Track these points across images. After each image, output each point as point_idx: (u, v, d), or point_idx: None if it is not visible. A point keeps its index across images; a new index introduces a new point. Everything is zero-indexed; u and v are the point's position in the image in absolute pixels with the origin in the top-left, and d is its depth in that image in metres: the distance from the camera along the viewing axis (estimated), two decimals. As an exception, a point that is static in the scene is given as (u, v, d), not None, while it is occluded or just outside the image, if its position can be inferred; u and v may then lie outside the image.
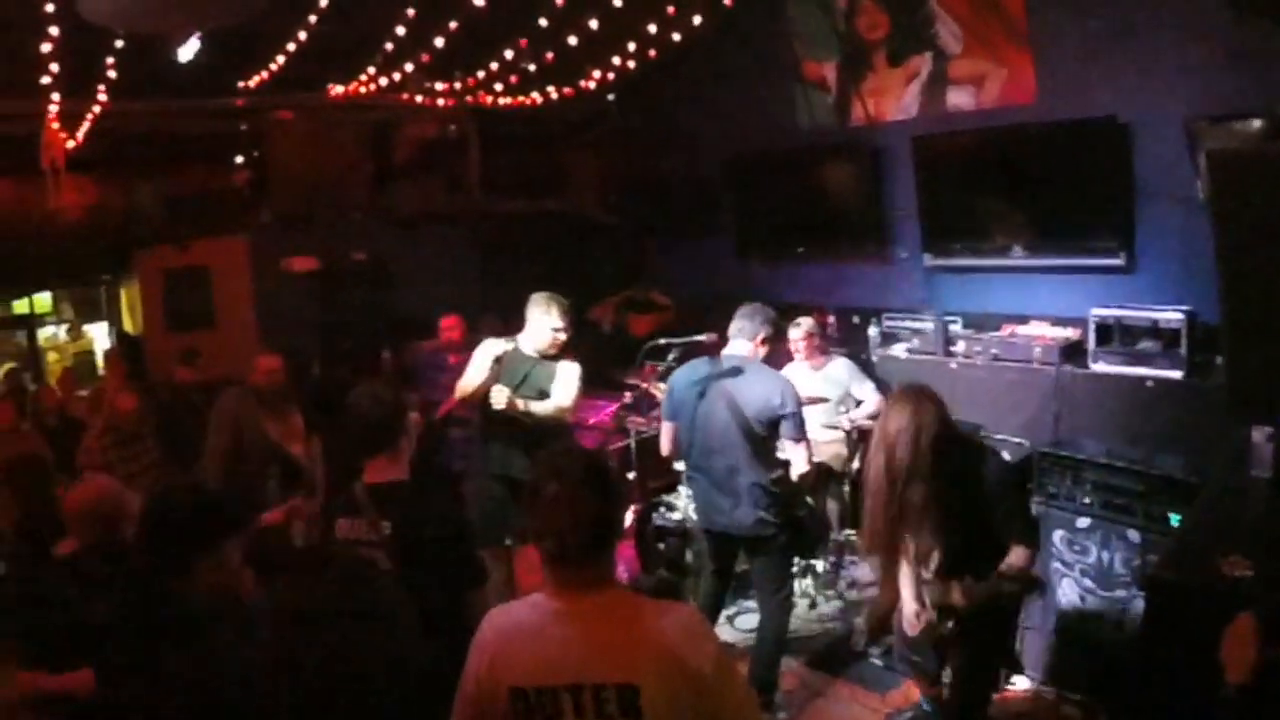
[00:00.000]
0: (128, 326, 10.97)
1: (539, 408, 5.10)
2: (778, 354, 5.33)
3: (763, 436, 4.57)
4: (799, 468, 4.58)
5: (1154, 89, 5.78)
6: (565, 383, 5.27)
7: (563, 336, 5.26)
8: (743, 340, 4.71)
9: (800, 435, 4.56)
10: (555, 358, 5.31)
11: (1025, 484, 4.89)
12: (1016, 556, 3.73)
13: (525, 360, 5.23)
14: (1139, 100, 5.86)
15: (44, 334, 12.24)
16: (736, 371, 4.63)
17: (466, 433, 5.61)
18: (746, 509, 4.61)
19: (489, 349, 5.24)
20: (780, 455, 4.74)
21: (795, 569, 6.04)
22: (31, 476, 5.26)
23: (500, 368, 5.13)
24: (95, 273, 11.15)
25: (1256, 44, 5.29)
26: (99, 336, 12.39)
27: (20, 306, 11.60)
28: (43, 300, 12.09)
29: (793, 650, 5.56)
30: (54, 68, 6.09)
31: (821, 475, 6.13)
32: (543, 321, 5.21)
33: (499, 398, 4.96)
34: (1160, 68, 5.76)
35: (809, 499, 5.48)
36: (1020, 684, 5.00)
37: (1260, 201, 3.56)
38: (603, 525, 2.26)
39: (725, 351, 4.76)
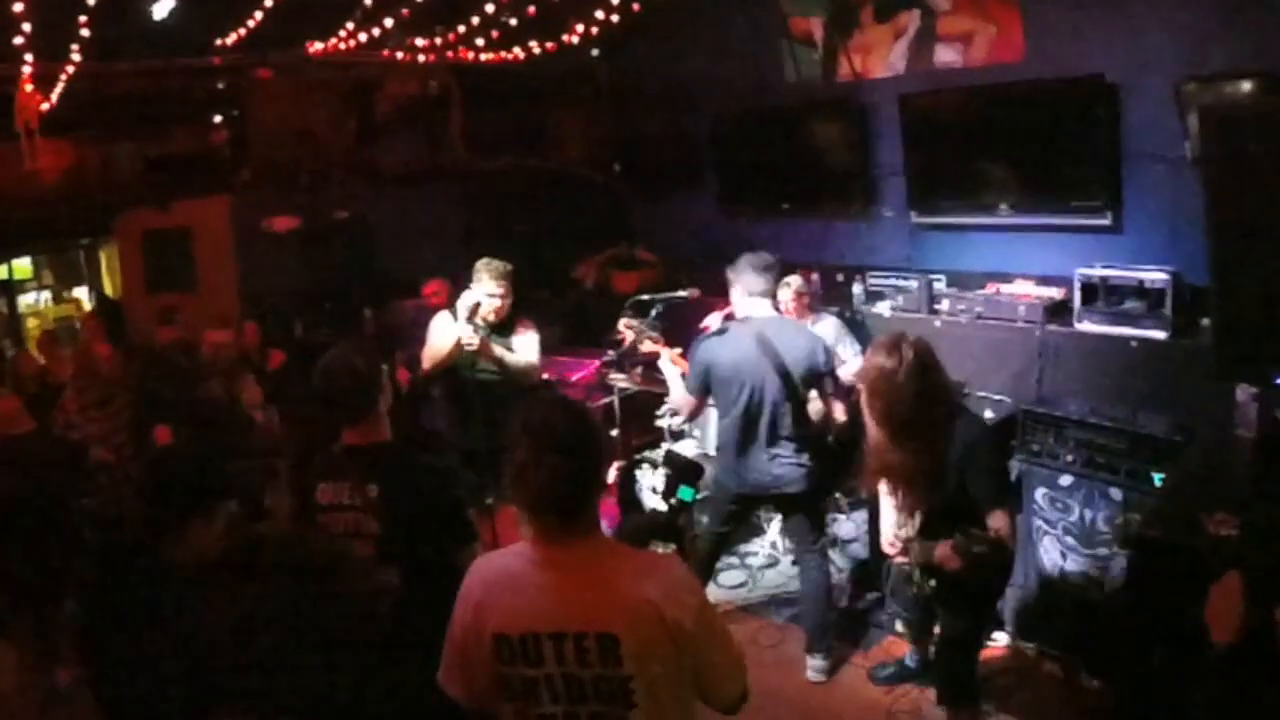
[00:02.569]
0: (108, 290, 10.87)
1: (511, 357, 5.28)
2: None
3: (804, 393, 4.72)
4: (840, 417, 4.87)
5: (1143, 49, 5.74)
6: (528, 343, 5.44)
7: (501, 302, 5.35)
8: (767, 301, 4.81)
9: (839, 391, 4.89)
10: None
11: (1002, 445, 4.87)
12: (995, 521, 3.72)
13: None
14: (1128, 60, 5.82)
15: (25, 300, 12.10)
16: (778, 333, 4.71)
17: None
18: (791, 465, 4.75)
19: (445, 320, 5.36)
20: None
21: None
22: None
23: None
24: (74, 236, 11.01)
25: (1247, 5, 5.25)
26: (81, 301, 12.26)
27: (-1, 272, 11.47)
28: (22, 266, 11.93)
29: (777, 605, 5.63)
30: (26, 28, 5.97)
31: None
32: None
33: (472, 339, 5.10)
34: (1150, 27, 5.72)
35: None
36: (1001, 641, 5.06)
37: (1251, 159, 3.56)
38: (580, 478, 2.28)
39: (752, 313, 4.79)
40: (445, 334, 5.28)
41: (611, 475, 6.11)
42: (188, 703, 2.23)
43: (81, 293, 12.26)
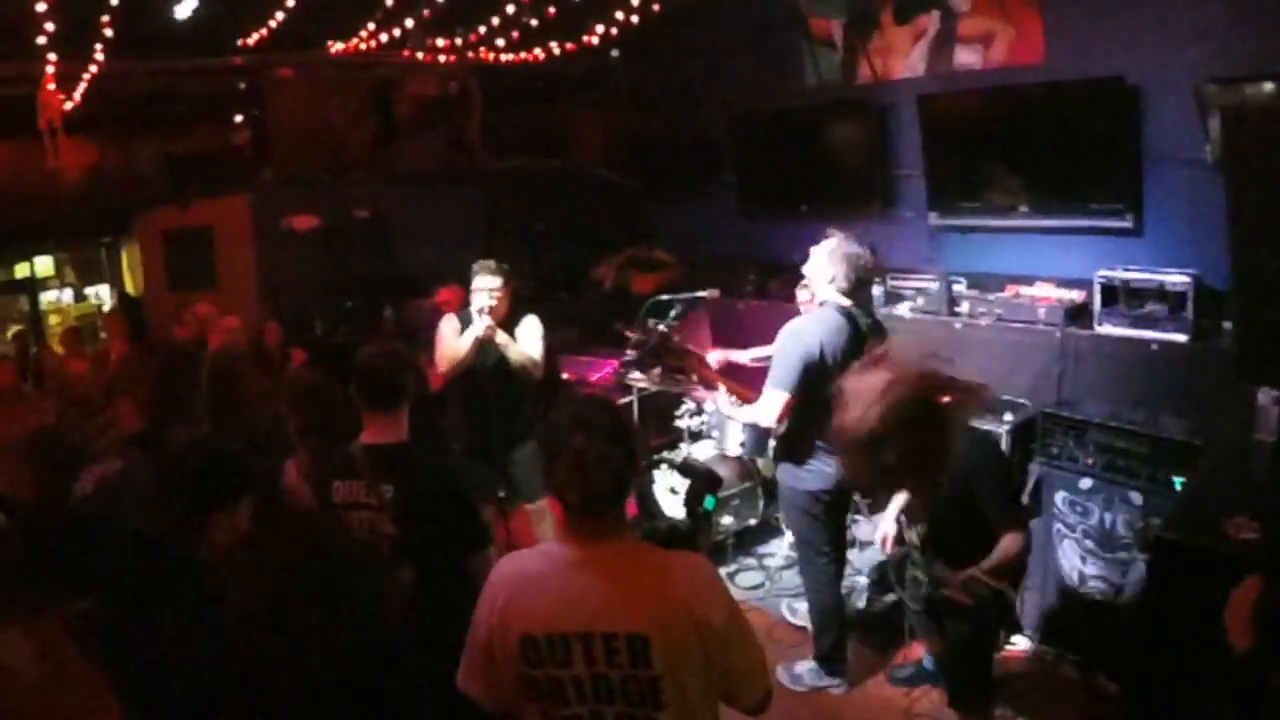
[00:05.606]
0: (129, 288, 10.95)
1: (514, 350, 5.28)
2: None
3: None
4: None
5: (1164, 50, 5.70)
6: (530, 328, 5.45)
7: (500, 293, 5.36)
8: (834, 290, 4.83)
9: None
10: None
11: (1009, 463, 4.84)
12: (1005, 545, 3.72)
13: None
14: (1148, 61, 5.78)
15: (47, 298, 12.20)
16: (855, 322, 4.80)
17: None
18: None
19: (453, 324, 5.41)
20: None
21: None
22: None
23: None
24: (96, 234, 11.10)
25: (1268, 6, 5.21)
26: (103, 299, 12.34)
27: (22, 270, 11.55)
28: (44, 264, 12.03)
29: (793, 606, 5.62)
30: (49, 27, 6.02)
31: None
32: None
33: (480, 326, 5.18)
34: (1170, 29, 5.68)
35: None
36: (1020, 644, 5.05)
37: (1273, 161, 3.53)
38: (626, 476, 2.28)
39: (829, 298, 4.83)
40: (459, 336, 5.33)
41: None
42: (203, 697, 2.25)
43: (97, 291, 12.38)
